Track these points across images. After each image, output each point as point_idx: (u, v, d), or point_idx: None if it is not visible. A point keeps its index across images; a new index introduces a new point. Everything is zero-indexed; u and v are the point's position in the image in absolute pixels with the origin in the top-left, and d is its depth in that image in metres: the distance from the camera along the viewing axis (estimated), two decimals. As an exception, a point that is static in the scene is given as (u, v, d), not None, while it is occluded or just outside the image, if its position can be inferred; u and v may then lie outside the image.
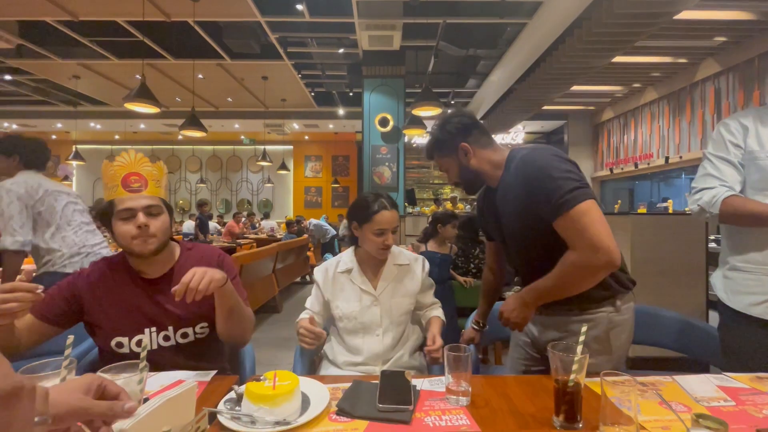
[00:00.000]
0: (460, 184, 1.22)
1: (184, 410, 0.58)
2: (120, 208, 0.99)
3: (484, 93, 7.77)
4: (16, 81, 7.27)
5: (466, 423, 0.74)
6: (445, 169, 1.22)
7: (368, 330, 1.27)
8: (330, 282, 1.33)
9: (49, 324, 0.99)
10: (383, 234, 1.25)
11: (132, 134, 10.82)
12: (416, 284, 1.35)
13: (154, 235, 1.01)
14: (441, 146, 1.19)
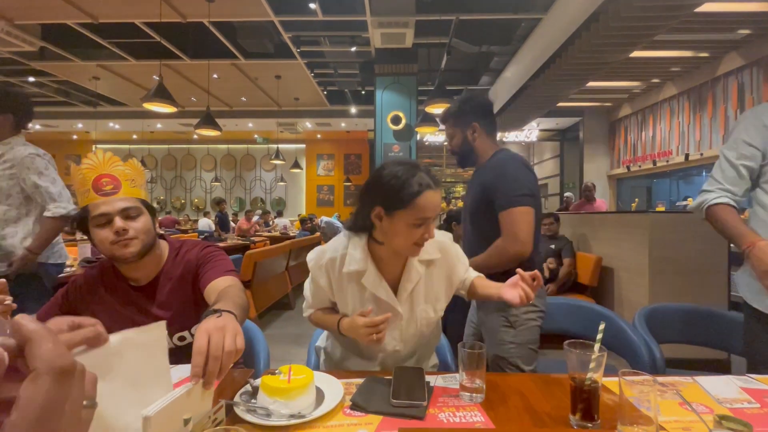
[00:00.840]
0: (457, 154, 1.45)
1: (202, 401, 0.59)
2: (94, 213, 0.93)
3: (497, 90, 7.69)
4: (38, 83, 7.50)
5: (481, 420, 0.73)
6: (451, 136, 1.45)
7: (383, 348, 1.04)
8: (335, 282, 1.01)
9: None
10: (424, 224, 0.90)
11: (149, 134, 11.05)
12: (455, 276, 1.07)
13: (134, 237, 0.95)
14: (457, 117, 1.42)
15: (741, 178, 1.17)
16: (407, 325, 1.02)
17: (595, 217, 3.67)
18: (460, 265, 1.08)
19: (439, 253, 1.02)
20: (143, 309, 1.03)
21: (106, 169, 0.95)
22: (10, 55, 5.83)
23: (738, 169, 1.17)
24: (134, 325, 0.98)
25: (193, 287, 1.05)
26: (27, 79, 7.26)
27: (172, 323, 1.02)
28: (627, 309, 2.98)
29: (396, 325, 1.01)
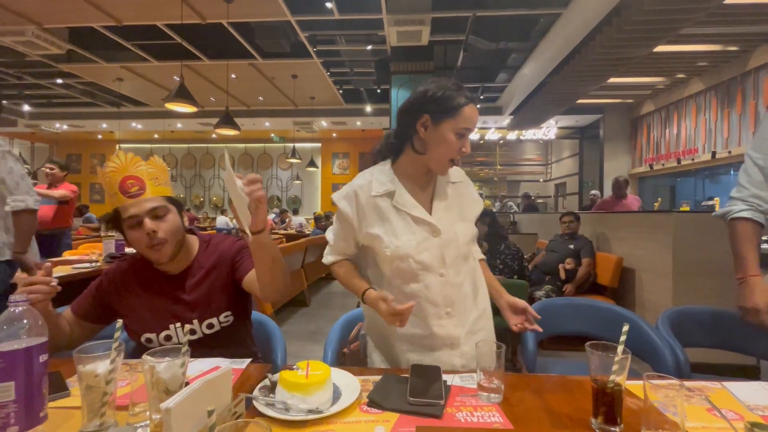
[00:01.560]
0: None
1: (220, 394, 0.61)
2: (125, 216, 0.97)
3: (514, 87, 7.57)
4: (66, 84, 7.77)
5: (499, 420, 0.72)
6: None
7: (428, 269, 0.97)
8: (363, 210, 0.99)
9: (87, 321, 1.06)
10: (465, 136, 0.94)
11: (170, 133, 11.32)
12: (477, 206, 1.08)
13: (164, 240, 0.99)
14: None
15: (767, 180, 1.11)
16: (447, 245, 0.98)
17: (617, 217, 3.58)
18: (478, 206, 1.09)
19: (461, 177, 1.08)
20: (175, 297, 1.07)
21: (130, 171, 0.98)
22: (39, 58, 6.05)
23: (765, 171, 1.12)
24: (167, 313, 1.05)
25: (226, 277, 1.09)
26: (55, 81, 7.53)
27: (202, 311, 1.07)
28: (648, 311, 2.90)
29: (435, 244, 0.97)
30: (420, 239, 0.96)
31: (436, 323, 0.98)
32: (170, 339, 1.05)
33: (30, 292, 0.82)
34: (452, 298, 0.98)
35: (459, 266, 1.00)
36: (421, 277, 0.97)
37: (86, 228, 6.71)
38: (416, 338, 1.00)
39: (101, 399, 0.65)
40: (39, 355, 0.65)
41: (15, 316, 0.65)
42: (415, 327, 0.98)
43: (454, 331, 0.98)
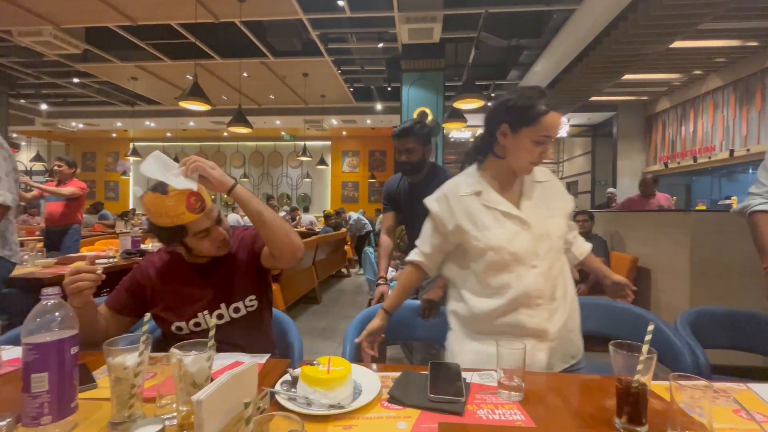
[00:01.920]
0: (411, 165, 1.79)
1: (247, 387, 0.61)
2: (197, 230, 1.03)
3: (526, 84, 7.49)
4: (82, 83, 7.91)
5: (521, 418, 0.72)
6: (410, 149, 1.77)
7: (520, 259, 0.99)
8: (453, 209, 1.06)
9: (121, 315, 1.11)
10: (545, 143, 0.98)
11: (182, 132, 11.46)
12: (567, 203, 1.11)
13: (226, 238, 1.11)
14: (420, 136, 1.76)
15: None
16: (539, 238, 1.01)
17: (632, 216, 3.52)
18: (568, 202, 1.12)
19: (547, 177, 1.12)
20: (203, 285, 1.13)
21: None
22: (57, 57, 6.17)
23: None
24: (196, 301, 1.09)
25: (248, 260, 1.16)
26: (72, 80, 7.67)
27: (229, 295, 1.12)
28: (665, 312, 2.85)
29: (527, 237, 1.00)
30: (511, 232, 1.00)
31: (525, 314, 0.99)
32: (199, 326, 1.10)
33: (76, 280, 0.87)
34: (543, 289, 0.99)
35: (552, 259, 1.02)
36: (513, 267, 0.99)
37: (102, 225, 6.83)
38: (503, 328, 1.01)
39: (130, 391, 0.67)
40: (70, 347, 0.66)
41: (47, 309, 0.66)
42: (504, 317, 1.01)
43: (543, 323, 0.99)
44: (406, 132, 1.77)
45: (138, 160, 9.84)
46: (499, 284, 1.00)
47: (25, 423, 0.62)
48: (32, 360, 0.62)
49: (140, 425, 0.61)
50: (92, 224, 6.77)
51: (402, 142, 1.78)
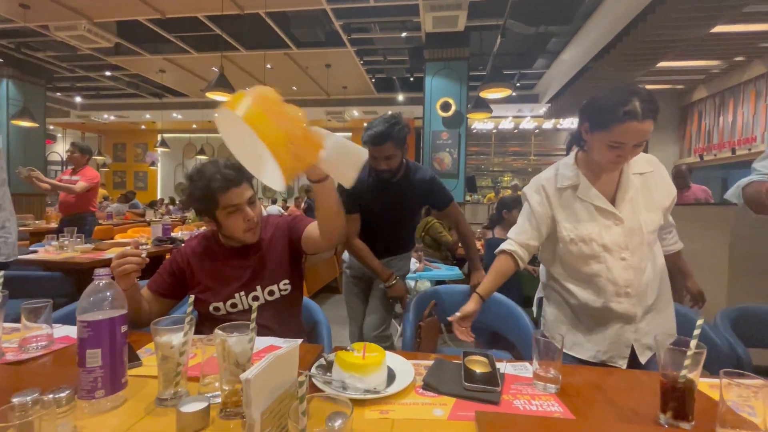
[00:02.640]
0: (391, 171, 1.59)
1: (289, 368, 0.63)
2: (228, 203, 1.08)
3: (553, 74, 7.26)
4: (113, 77, 8.17)
5: (559, 410, 0.71)
6: (391, 155, 1.55)
7: (610, 251, 1.06)
8: (550, 200, 1.13)
9: (163, 297, 1.16)
10: (619, 148, 0.97)
11: (207, 123, 11.70)
12: (667, 195, 1.10)
13: (258, 223, 1.15)
14: (399, 140, 1.54)
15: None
16: (631, 233, 1.05)
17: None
18: (668, 194, 1.12)
19: (650, 166, 1.11)
20: (240, 268, 1.17)
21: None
22: (90, 51, 6.38)
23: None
24: (233, 283, 1.14)
25: (284, 245, 1.22)
26: (104, 73, 7.93)
27: (264, 278, 1.16)
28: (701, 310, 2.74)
29: (618, 232, 1.05)
30: (602, 227, 1.06)
31: (614, 300, 1.06)
32: (235, 306, 1.14)
33: (123, 263, 0.93)
34: (632, 279, 1.05)
35: (642, 252, 1.06)
36: (603, 258, 1.07)
37: (132, 213, 7.10)
38: (595, 311, 1.10)
39: (176, 369, 0.69)
40: (121, 326, 0.69)
41: (99, 288, 0.69)
42: (595, 302, 1.09)
43: (632, 308, 1.06)
44: (383, 137, 1.50)
45: (166, 151, 10.14)
46: (588, 272, 1.08)
47: (80, 396, 0.66)
48: (87, 337, 0.65)
49: (186, 402, 0.63)
50: (124, 213, 7.04)
51: (379, 150, 1.52)
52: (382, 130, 1.50)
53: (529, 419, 0.66)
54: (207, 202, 1.08)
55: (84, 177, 3.65)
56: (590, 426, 0.65)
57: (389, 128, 1.50)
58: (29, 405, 0.50)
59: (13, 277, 1.96)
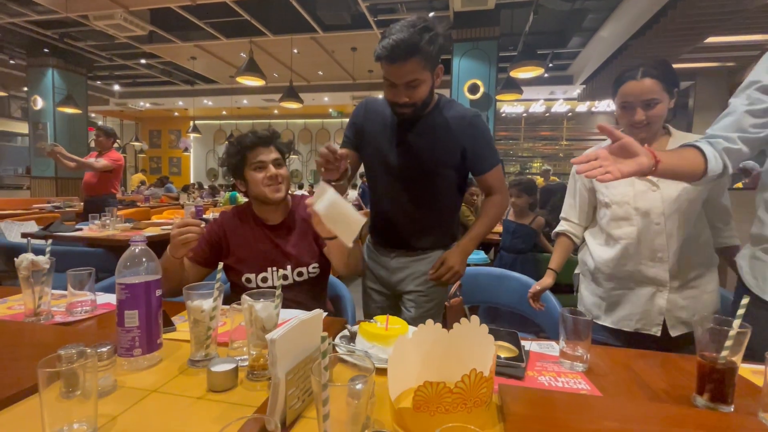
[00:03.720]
0: (414, 106, 1.11)
1: (312, 334, 0.64)
2: (254, 160, 1.19)
3: (589, 52, 6.89)
4: (148, 65, 8.44)
5: (586, 388, 0.69)
6: (417, 83, 1.06)
7: (644, 215, 1.09)
8: None
9: (200, 266, 1.22)
10: (630, 108, 1.08)
11: (236, 110, 11.94)
12: None
13: (282, 182, 1.20)
14: (430, 56, 1.03)
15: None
16: (667, 200, 1.07)
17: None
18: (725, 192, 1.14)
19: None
20: (274, 244, 1.22)
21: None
22: (126, 40, 6.60)
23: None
24: (266, 258, 1.18)
25: (314, 235, 1.24)
26: (139, 61, 8.21)
27: (295, 259, 1.21)
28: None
29: (654, 197, 1.08)
30: (639, 190, 1.10)
31: (645, 264, 1.09)
32: (266, 281, 1.19)
33: (184, 232, 0.99)
34: (665, 245, 1.07)
35: (678, 220, 1.07)
36: (636, 221, 1.10)
37: (167, 197, 7.42)
38: (627, 275, 1.13)
39: (206, 333, 0.72)
40: (155, 290, 0.73)
41: (135, 254, 0.73)
42: (625, 265, 1.12)
43: (663, 274, 1.08)
44: (406, 50, 0.99)
45: (198, 136, 10.46)
46: (620, 235, 1.12)
47: (120, 353, 0.70)
48: (125, 298, 0.69)
49: (216, 363, 0.66)
50: (159, 196, 7.37)
51: (398, 71, 1.03)
52: (404, 38, 0.98)
53: (554, 394, 0.65)
54: (238, 158, 1.20)
55: (108, 159, 3.82)
56: (620, 403, 0.63)
57: (415, 36, 0.98)
58: (74, 356, 0.54)
59: (60, 251, 2.11)
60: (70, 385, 0.51)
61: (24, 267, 0.89)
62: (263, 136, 1.21)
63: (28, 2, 5.38)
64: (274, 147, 1.22)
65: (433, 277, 1.22)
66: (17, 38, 6.82)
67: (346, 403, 0.48)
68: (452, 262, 1.20)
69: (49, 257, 0.94)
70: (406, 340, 0.64)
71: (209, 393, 0.63)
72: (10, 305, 1.04)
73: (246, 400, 0.62)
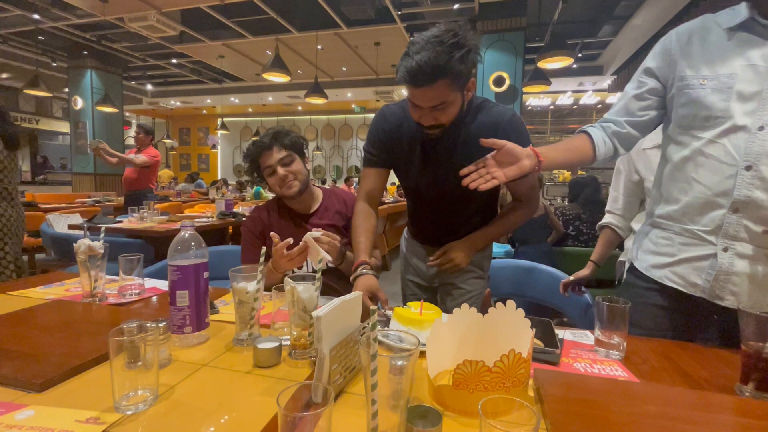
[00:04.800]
0: (443, 126, 0.99)
1: (353, 314, 0.67)
2: (264, 165, 1.27)
3: (621, 41, 6.63)
4: (179, 64, 8.73)
5: (623, 374, 0.69)
6: (445, 105, 0.93)
7: None
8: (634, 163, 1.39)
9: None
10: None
11: (261, 107, 12.20)
12: None
13: (293, 179, 1.26)
14: (461, 75, 0.90)
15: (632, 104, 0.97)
16: None
17: None
18: None
19: None
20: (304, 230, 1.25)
21: None
22: (158, 40, 6.86)
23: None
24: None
25: (345, 225, 1.32)
26: (170, 61, 8.51)
27: None
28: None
29: None
30: None
31: None
32: (301, 268, 1.24)
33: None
34: None
35: None
36: None
37: (197, 192, 7.69)
38: None
39: (250, 313, 0.76)
40: (203, 272, 0.77)
41: (185, 238, 0.77)
42: None
43: None
44: (434, 73, 0.86)
45: (225, 133, 10.75)
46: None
47: (172, 330, 0.75)
48: (177, 279, 0.74)
49: (261, 341, 0.70)
50: (190, 191, 7.64)
51: (425, 94, 0.92)
52: (429, 59, 0.85)
53: (591, 378, 0.65)
54: (254, 166, 1.30)
55: (146, 155, 4.05)
56: (659, 388, 0.62)
57: (442, 56, 0.85)
58: (135, 330, 0.58)
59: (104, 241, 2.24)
60: (133, 356, 0.56)
61: (82, 251, 0.96)
62: (263, 143, 1.26)
63: (69, 7, 5.67)
64: (278, 147, 1.26)
65: (432, 263, 1.17)
66: (59, 42, 7.19)
67: (388, 378, 0.50)
68: (454, 255, 1.13)
69: (103, 243, 1.01)
70: (442, 324, 0.65)
71: (255, 368, 0.67)
72: (68, 287, 1.12)
73: (290, 375, 0.65)
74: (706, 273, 0.83)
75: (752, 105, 0.76)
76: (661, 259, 0.90)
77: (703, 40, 0.83)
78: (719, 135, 0.80)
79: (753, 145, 0.76)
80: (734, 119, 0.78)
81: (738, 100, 0.78)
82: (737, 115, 0.78)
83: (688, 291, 0.86)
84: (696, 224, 0.84)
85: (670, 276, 0.89)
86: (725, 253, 0.81)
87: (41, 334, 0.77)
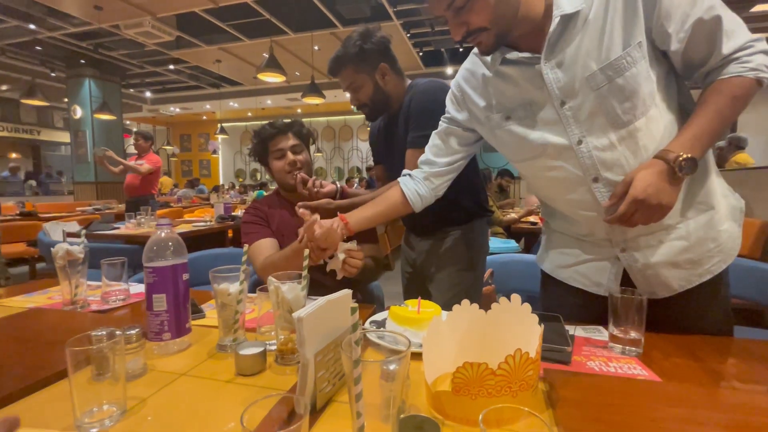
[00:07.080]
0: (367, 106, 1.22)
1: (341, 314, 0.61)
2: (275, 148, 1.25)
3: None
4: (176, 70, 8.73)
5: (643, 373, 0.62)
6: (357, 87, 1.19)
7: None
8: None
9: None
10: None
11: (261, 110, 12.18)
12: None
13: (301, 168, 1.25)
14: (361, 60, 1.15)
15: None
16: None
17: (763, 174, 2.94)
18: None
19: None
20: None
21: None
22: (155, 46, 6.84)
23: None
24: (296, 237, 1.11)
25: None
26: (168, 67, 8.49)
27: None
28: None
29: None
30: None
31: None
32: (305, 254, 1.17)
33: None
34: None
35: None
36: None
37: (198, 197, 7.67)
38: None
39: (234, 316, 0.71)
40: (182, 274, 0.72)
41: (162, 238, 0.72)
42: None
43: None
44: (336, 64, 1.18)
45: (225, 138, 10.76)
46: None
47: (150, 337, 0.69)
48: (153, 282, 0.68)
49: (244, 346, 0.64)
50: (191, 197, 7.62)
51: (340, 81, 1.23)
52: (336, 54, 1.18)
53: (606, 379, 0.59)
54: (261, 148, 1.27)
55: (148, 161, 4.08)
56: (684, 388, 0.56)
57: (343, 49, 1.16)
58: (103, 338, 0.53)
59: (99, 248, 2.20)
60: (101, 367, 0.51)
61: (60, 256, 0.91)
62: (280, 126, 1.26)
63: (65, 15, 5.66)
64: (292, 134, 1.26)
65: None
66: (57, 51, 7.20)
67: (379, 385, 0.45)
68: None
69: (83, 247, 0.95)
70: (440, 322, 0.60)
71: (238, 377, 0.62)
72: (51, 296, 1.07)
73: (274, 383, 0.60)
74: (609, 272, 0.83)
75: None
76: (566, 259, 0.91)
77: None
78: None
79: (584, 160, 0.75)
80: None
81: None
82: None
83: (593, 291, 0.85)
84: (586, 234, 0.85)
85: (575, 276, 0.89)
86: (624, 253, 0.80)
87: (10, 345, 0.71)
